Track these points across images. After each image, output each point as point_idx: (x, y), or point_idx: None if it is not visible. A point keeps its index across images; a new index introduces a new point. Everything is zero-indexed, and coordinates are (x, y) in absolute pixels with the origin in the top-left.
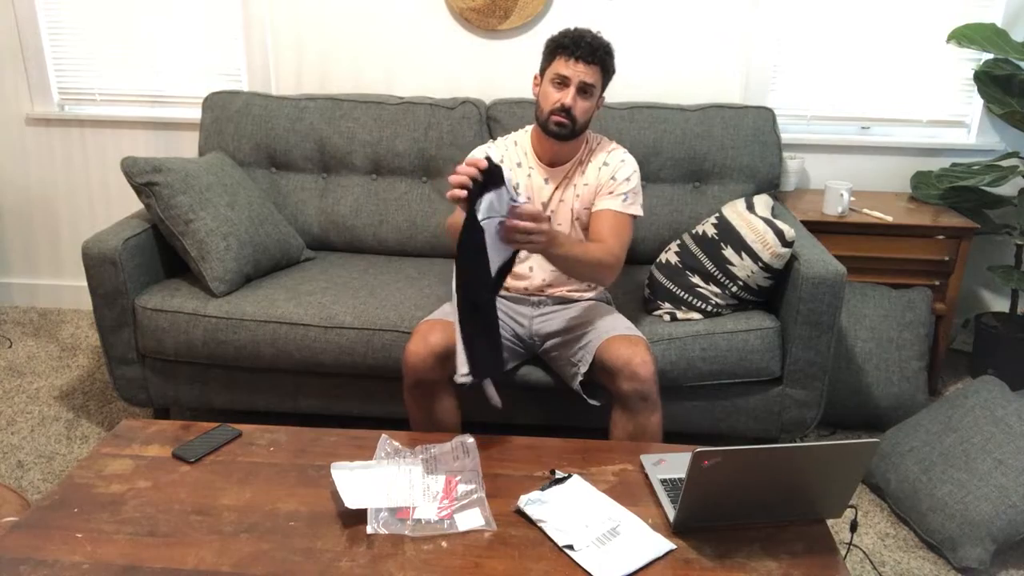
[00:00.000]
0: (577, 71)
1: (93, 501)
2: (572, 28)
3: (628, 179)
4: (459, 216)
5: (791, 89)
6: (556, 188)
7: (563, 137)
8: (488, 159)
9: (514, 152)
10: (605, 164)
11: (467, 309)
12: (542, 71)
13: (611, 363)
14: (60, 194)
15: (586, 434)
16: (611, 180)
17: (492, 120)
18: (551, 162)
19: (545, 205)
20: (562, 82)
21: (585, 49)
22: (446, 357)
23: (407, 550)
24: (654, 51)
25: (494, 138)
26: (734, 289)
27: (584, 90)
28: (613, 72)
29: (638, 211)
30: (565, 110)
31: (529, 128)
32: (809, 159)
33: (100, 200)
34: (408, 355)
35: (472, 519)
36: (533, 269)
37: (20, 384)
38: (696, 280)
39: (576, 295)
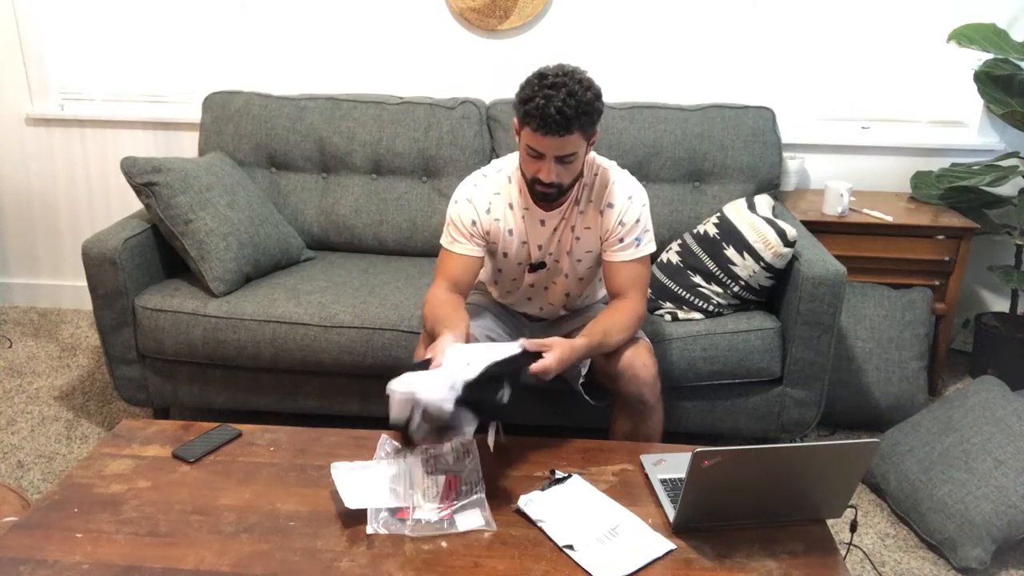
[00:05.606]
0: (549, 146)
1: (93, 501)
2: (538, 84)
3: (638, 220)
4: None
5: (791, 89)
6: (554, 230)
7: (552, 200)
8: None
9: (506, 190)
10: (609, 206)
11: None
12: (519, 123)
13: (612, 365)
14: (60, 194)
15: (586, 434)
16: (619, 226)
17: (492, 120)
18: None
19: (542, 248)
20: (537, 155)
21: (555, 123)
22: None
23: (407, 550)
24: (654, 51)
25: (493, 136)
26: (736, 289)
27: (563, 158)
28: (599, 115)
29: (651, 248)
30: (546, 183)
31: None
32: (809, 159)
33: (100, 200)
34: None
35: (472, 519)
36: (543, 308)
37: (20, 384)
38: (698, 280)
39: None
